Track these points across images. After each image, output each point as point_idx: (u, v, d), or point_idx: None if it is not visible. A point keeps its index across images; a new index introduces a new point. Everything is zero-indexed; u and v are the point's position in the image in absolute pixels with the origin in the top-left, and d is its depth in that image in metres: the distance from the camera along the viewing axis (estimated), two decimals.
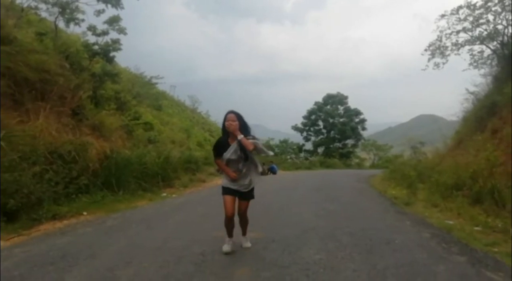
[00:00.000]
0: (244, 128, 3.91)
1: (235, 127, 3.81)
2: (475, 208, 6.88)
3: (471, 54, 13.93)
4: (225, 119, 3.88)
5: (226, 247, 3.99)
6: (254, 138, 3.92)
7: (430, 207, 7.73)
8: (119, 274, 3.28)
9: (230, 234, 4.06)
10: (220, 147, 3.98)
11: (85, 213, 6.52)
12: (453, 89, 16.80)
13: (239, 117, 3.90)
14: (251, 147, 3.80)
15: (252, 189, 4.08)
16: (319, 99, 44.40)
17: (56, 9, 10.47)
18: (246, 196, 4.03)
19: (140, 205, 7.86)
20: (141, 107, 17.14)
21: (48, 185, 6.33)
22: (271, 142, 36.87)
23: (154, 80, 19.33)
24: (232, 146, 3.88)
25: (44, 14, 11.42)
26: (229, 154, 3.88)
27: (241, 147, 3.84)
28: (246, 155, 3.89)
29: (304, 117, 44.00)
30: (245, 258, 3.85)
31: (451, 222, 5.94)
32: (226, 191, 3.96)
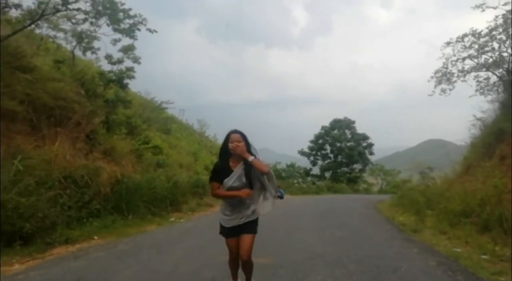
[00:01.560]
0: (250, 151, 3.35)
1: (243, 149, 3.24)
2: (483, 236, 6.86)
3: (477, 81, 14.08)
4: (227, 140, 3.31)
5: None
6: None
7: (438, 235, 7.71)
8: None
9: (235, 276, 3.64)
10: (220, 173, 3.37)
11: (96, 237, 6.66)
12: (461, 114, 16.86)
13: (244, 137, 3.33)
14: (266, 169, 3.27)
15: (256, 221, 3.44)
16: (326, 123, 44.66)
17: (73, 38, 11.00)
18: (248, 228, 3.37)
19: (150, 230, 7.98)
20: (151, 131, 17.47)
21: (61, 210, 6.53)
22: (278, 166, 36.87)
23: (164, 105, 19.86)
24: (236, 172, 3.31)
25: (61, 42, 11.98)
26: (232, 180, 3.29)
27: (247, 172, 3.30)
28: (251, 182, 3.34)
29: (311, 141, 44.11)
30: None
31: (458, 250, 5.96)
32: (226, 232, 3.42)
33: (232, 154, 3.32)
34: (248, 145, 3.33)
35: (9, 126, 7.69)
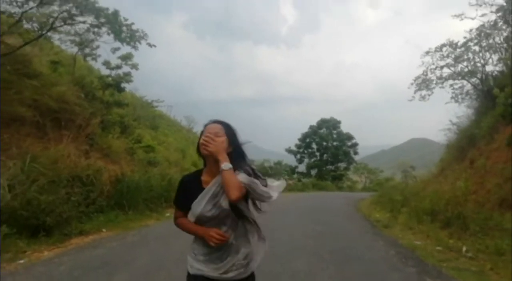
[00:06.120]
0: (238, 153, 1.95)
1: (219, 146, 1.84)
2: (444, 232, 7.88)
3: (453, 88, 15.11)
4: (202, 135, 1.93)
5: None
6: (252, 174, 1.89)
7: (406, 230, 8.72)
8: (154, 277, 4.32)
9: None
10: (185, 192, 1.97)
11: (104, 230, 7.49)
12: (440, 117, 17.72)
13: (228, 131, 1.95)
14: (235, 194, 1.75)
15: (252, 276, 2.06)
16: (312, 121, 45.92)
17: (73, 44, 11.49)
18: None
19: (150, 224, 8.83)
20: (141, 129, 17.97)
21: (73, 206, 7.32)
22: (266, 164, 37.83)
23: (154, 103, 20.51)
24: (209, 189, 1.87)
25: (56, 42, 12.33)
26: (201, 205, 1.86)
27: None
28: (238, 209, 1.90)
29: (299, 140, 45.41)
30: None
31: (418, 243, 6.98)
32: None
33: (206, 159, 1.96)
34: (234, 145, 1.95)
35: (19, 130, 8.38)
